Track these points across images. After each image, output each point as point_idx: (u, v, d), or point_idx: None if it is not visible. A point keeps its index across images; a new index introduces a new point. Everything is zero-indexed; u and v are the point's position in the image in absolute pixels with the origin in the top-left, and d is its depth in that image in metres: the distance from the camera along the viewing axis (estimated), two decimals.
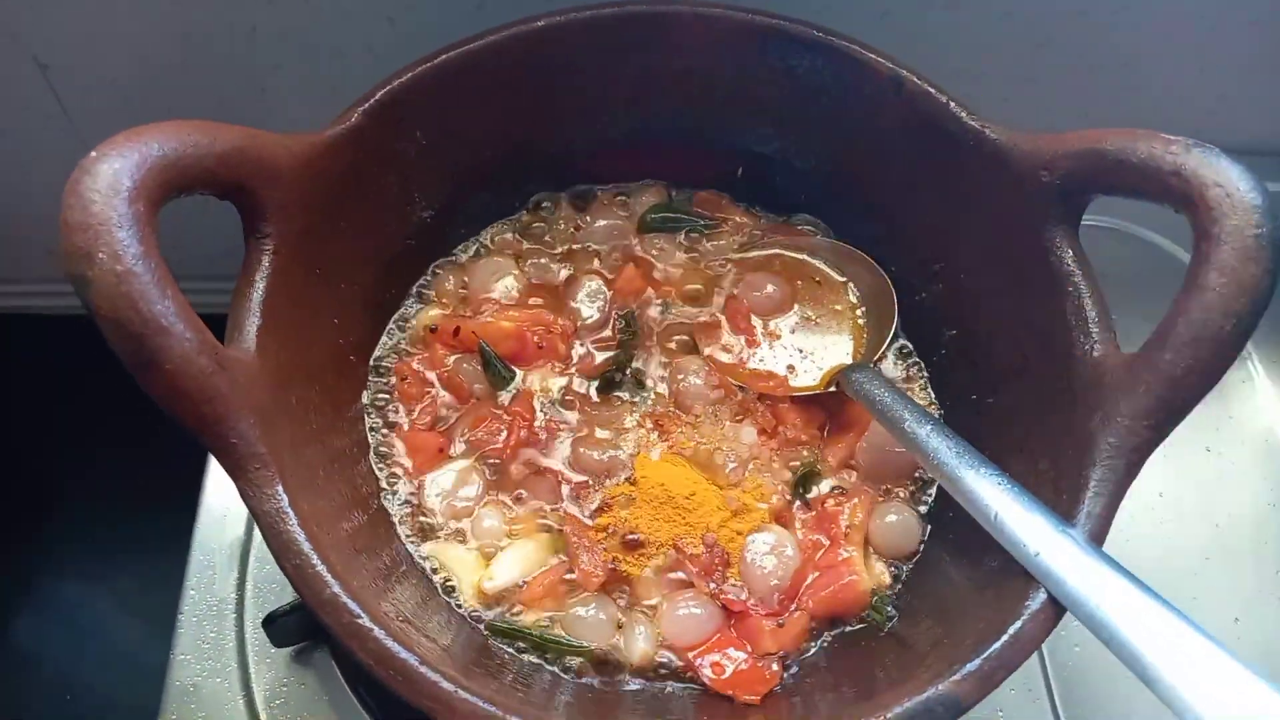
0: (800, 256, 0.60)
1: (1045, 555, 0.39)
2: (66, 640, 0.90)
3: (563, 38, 0.54)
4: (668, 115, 0.59)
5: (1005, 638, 0.39)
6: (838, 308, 0.58)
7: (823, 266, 0.60)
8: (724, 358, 0.57)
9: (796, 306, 0.59)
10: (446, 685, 0.37)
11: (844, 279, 0.59)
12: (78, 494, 0.96)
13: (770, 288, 0.58)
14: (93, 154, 0.38)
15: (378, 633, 0.38)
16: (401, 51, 0.67)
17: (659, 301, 0.58)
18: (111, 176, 0.38)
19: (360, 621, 0.38)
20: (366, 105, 0.50)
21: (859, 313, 0.58)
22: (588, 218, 0.61)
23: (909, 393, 0.56)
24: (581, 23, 0.54)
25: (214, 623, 0.57)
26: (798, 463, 0.53)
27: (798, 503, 0.52)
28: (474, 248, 0.60)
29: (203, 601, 0.58)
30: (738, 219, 0.61)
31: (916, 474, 0.54)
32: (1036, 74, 0.73)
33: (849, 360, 0.57)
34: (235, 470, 0.40)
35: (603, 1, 0.55)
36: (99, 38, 0.67)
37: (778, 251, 0.60)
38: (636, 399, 0.55)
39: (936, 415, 0.56)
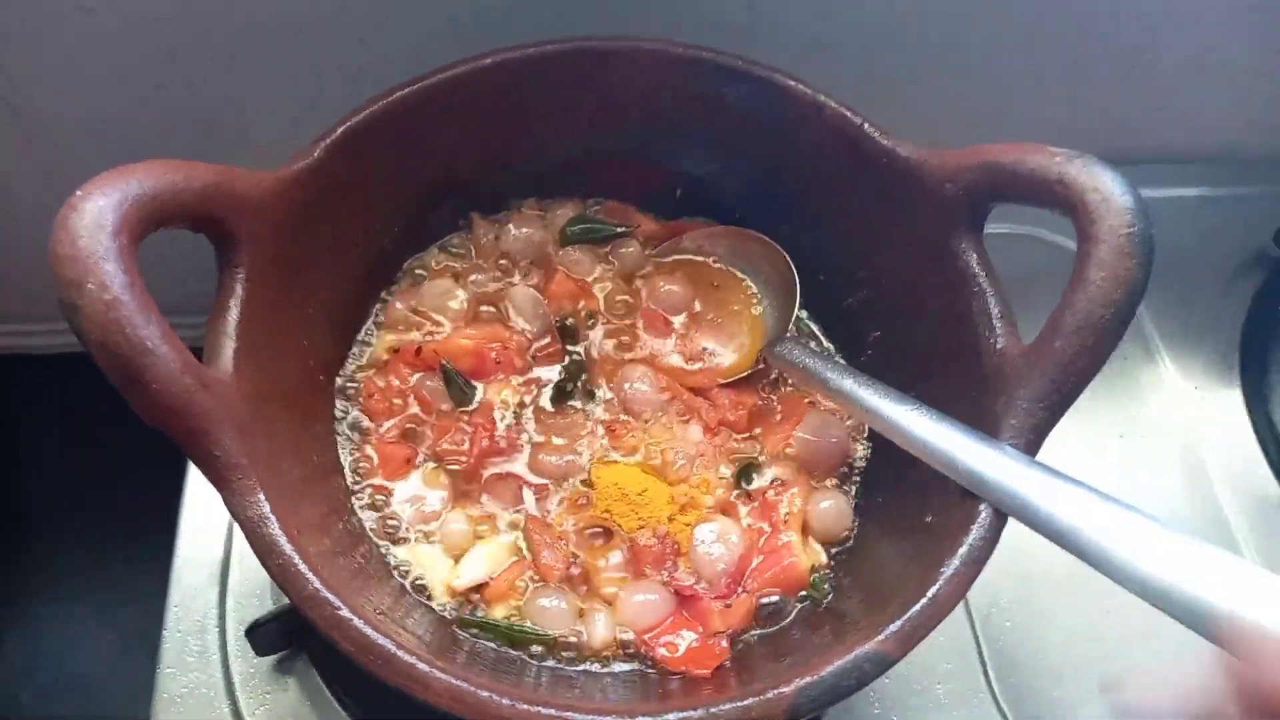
0: (700, 259, 0.65)
1: (976, 465, 0.45)
2: (50, 664, 0.92)
3: (512, 72, 0.58)
4: (613, 139, 0.63)
5: (924, 600, 0.43)
6: (735, 307, 0.63)
7: (723, 267, 0.64)
8: (661, 361, 0.61)
9: (698, 305, 0.63)
10: (423, 666, 0.41)
11: (742, 276, 0.64)
12: (59, 523, 0.98)
13: (672, 287, 0.63)
14: (79, 193, 0.42)
15: (357, 622, 0.42)
16: (375, 71, 0.71)
17: (588, 311, 0.62)
18: (97, 213, 0.41)
19: (341, 613, 0.42)
20: (327, 141, 0.54)
21: (754, 309, 0.63)
22: (510, 229, 0.64)
23: None
24: (528, 59, 0.58)
25: (197, 636, 0.60)
26: (739, 457, 0.58)
27: (740, 494, 0.57)
28: (414, 273, 0.63)
29: (185, 617, 0.61)
30: (645, 225, 0.65)
31: (845, 463, 0.59)
32: (959, 94, 0.79)
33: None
34: (219, 480, 0.43)
35: (551, 38, 0.59)
36: (81, 67, 0.69)
37: (685, 258, 0.65)
38: (588, 406, 0.59)
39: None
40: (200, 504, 0.64)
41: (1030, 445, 0.46)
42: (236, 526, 0.62)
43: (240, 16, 0.67)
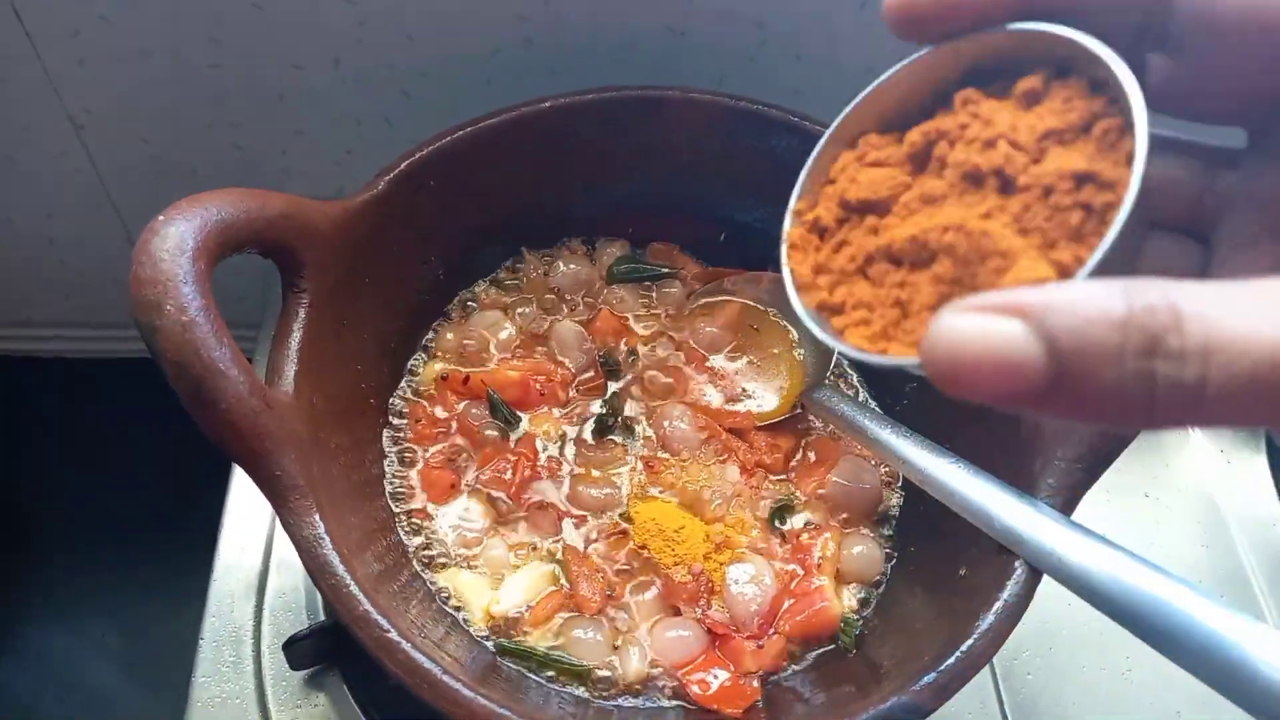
0: (743, 302, 0.66)
1: (1012, 521, 0.44)
2: (61, 679, 0.92)
3: (569, 116, 0.60)
4: (661, 184, 0.65)
5: (959, 653, 0.44)
6: (775, 350, 0.64)
7: (763, 310, 0.65)
8: (696, 398, 0.62)
9: (738, 346, 0.64)
10: (467, 692, 0.42)
11: (782, 320, 0.65)
12: (68, 537, 0.99)
13: (713, 328, 0.64)
14: (160, 217, 0.44)
15: (404, 645, 0.43)
16: (414, 122, 0.73)
17: (629, 348, 0.64)
18: (178, 237, 0.43)
19: (389, 635, 0.43)
20: (392, 174, 0.56)
21: (794, 352, 0.64)
22: (560, 265, 0.66)
23: None
24: (585, 104, 0.60)
25: (232, 646, 0.61)
26: (774, 499, 0.59)
27: (775, 535, 0.58)
28: (464, 304, 0.65)
29: (222, 627, 0.62)
30: (689, 268, 0.67)
31: (878, 509, 0.60)
32: None
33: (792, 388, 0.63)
34: (278, 500, 0.45)
35: (603, 85, 0.61)
36: (135, 99, 0.72)
37: (726, 299, 0.66)
38: (628, 442, 0.61)
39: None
40: (241, 518, 0.66)
41: (1066, 505, 0.47)
42: (274, 541, 0.65)
43: (289, 67, 0.69)
